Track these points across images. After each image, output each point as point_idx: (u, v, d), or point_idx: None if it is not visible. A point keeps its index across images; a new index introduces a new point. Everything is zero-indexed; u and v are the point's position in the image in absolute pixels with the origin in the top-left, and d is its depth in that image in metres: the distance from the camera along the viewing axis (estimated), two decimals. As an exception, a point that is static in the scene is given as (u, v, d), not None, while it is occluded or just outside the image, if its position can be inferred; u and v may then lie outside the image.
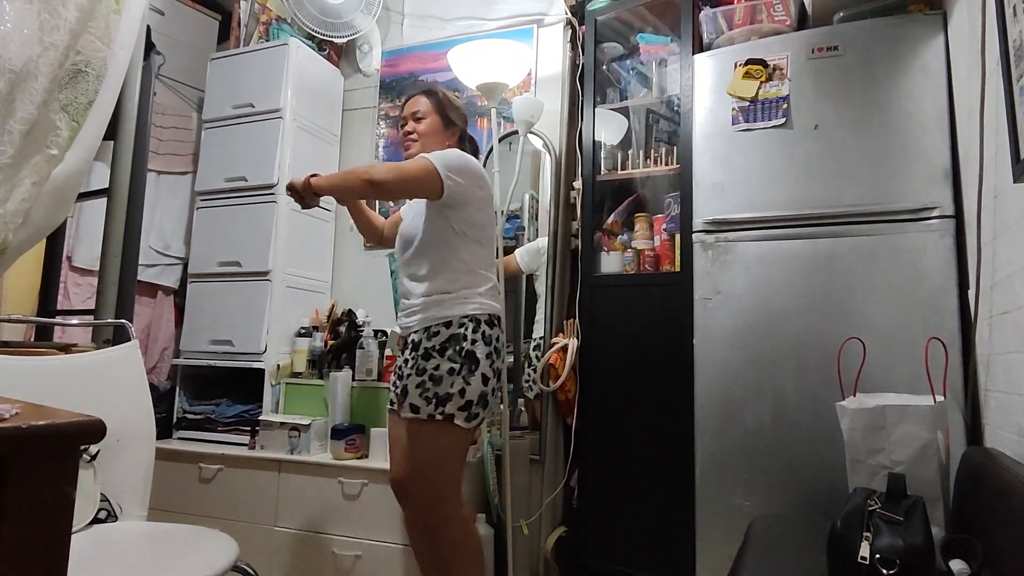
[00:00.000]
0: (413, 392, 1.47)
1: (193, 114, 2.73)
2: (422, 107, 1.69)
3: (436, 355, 1.48)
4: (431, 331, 1.50)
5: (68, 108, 1.47)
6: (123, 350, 1.48)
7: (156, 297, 2.61)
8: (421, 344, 1.50)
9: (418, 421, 1.46)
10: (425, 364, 1.48)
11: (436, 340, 1.49)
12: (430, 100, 1.70)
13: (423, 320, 1.53)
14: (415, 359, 1.50)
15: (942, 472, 1.24)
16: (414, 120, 1.68)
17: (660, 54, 2.17)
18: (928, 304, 1.51)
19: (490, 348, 1.52)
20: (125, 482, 1.38)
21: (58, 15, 1.36)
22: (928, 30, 1.61)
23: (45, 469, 0.59)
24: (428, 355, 1.48)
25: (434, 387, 1.45)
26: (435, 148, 1.64)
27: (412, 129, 1.67)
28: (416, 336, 1.53)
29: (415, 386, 1.47)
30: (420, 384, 1.46)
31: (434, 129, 1.67)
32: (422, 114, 1.68)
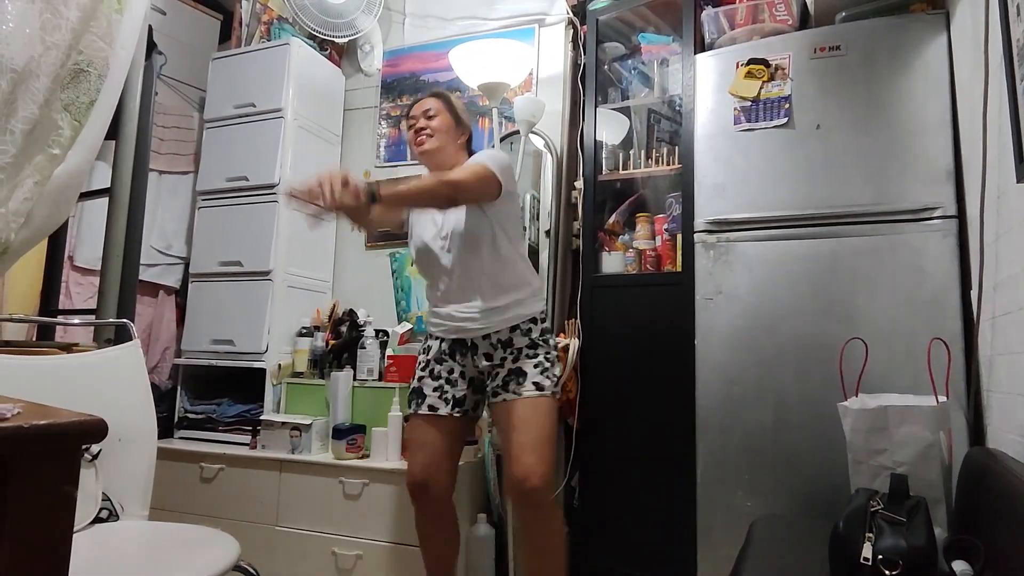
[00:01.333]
0: (533, 372, 1.54)
1: (194, 114, 2.73)
2: (433, 106, 1.68)
3: (543, 344, 1.59)
4: (522, 328, 1.58)
5: (70, 108, 1.47)
6: (124, 349, 1.48)
7: (157, 297, 2.61)
8: (515, 341, 1.57)
9: (543, 398, 1.53)
10: (537, 351, 1.57)
11: (533, 335, 1.59)
12: (440, 100, 1.70)
13: (508, 320, 1.58)
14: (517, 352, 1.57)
15: (944, 473, 1.24)
16: (426, 118, 1.67)
17: (662, 54, 2.17)
18: (930, 304, 1.51)
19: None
20: (126, 482, 1.38)
21: (60, 14, 1.36)
22: (930, 30, 1.61)
23: (47, 469, 0.59)
24: (535, 344, 1.58)
25: (550, 368, 1.57)
26: (449, 145, 1.66)
27: (425, 126, 1.66)
28: (501, 336, 1.58)
29: (534, 366, 1.55)
30: (539, 364, 1.56)
31: (447, 126, 1.67)
32: (434, 112, 1.67)
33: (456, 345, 1.64)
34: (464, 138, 1.72)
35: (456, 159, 1.67)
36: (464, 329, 1.61)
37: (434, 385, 1.64)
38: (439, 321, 1.67)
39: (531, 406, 1.53)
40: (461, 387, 1.64)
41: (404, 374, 2.19)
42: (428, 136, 1.65)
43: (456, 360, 1.64)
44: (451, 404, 1.63)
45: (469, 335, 1.61)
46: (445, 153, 1.66)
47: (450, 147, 1.67)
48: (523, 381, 1.54)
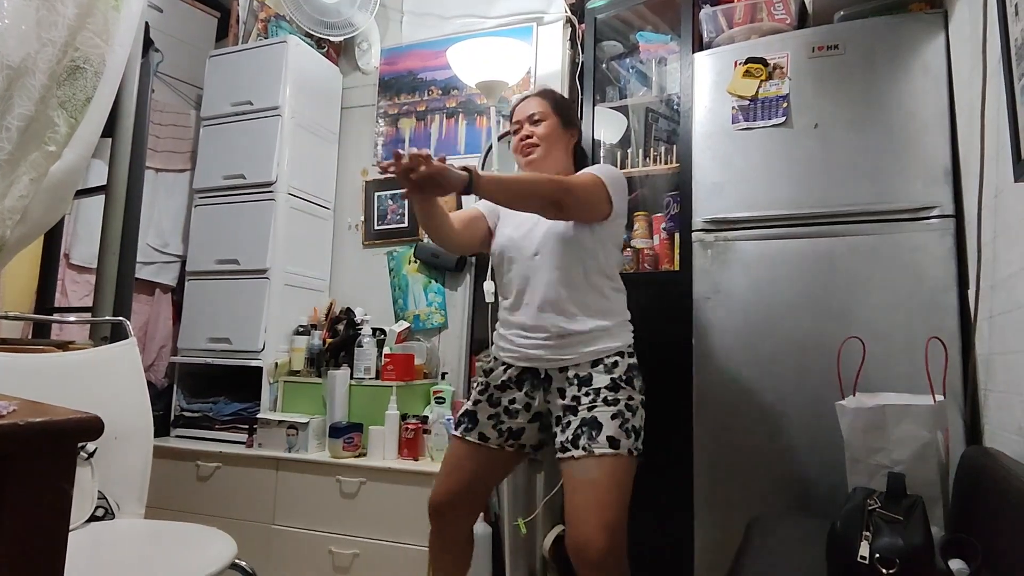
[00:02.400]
0: (610, 424, 1.32)
1: (191, 112, 2.72)
2: (538, 108, 1.52)
3: (626, 386, 1.38)
4: (606, 364, 1.39)
5: (66, 105, 1.46)
6: (121, 348, 1.47)
7: (154, 295, 2.60)
8: (595, 379, 1.37)
9: (617, 458, 1.31)
10: (618, 396, 1.35)
11: (617, 373, 1.38)
12: (546, 100, 1.54)
13: (592, 353, 1.39)
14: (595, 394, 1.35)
15: (942, 472, 1.24)
16: (531, 123, 1.52)
17: (660, 52, 2.17)
18: (928, 303, 1.51)
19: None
20: (122, 480, 1.37)
21: (56, 11, 1.35)
22: (929, 29, 1.61)
23: (42, 466, 0.58)
24: (617, 386, 1.37)
25: (632, 419, 1.35)
26: (558, 153, 1.52)
27: (531, 133, 1.51)
28: (581, 371, 1.39)
29: (611, 417, 1.32)
30: (618, 415, 1.33)
31: (555, 131, 1.52)
32: (540, 116, 1.51)
33: (526, 374, 1.45)
34: (574, 140, 1.58)
35: (562, 165, 1.54)
36: (537, 358, 1.43)
37: (490, 412, 1.47)
38: (507, 345, 1.48)
39: (602, 466, 1.31)
40: (522, 420, 1.46)
41: (401, 372, 2.19)
42: (533, 146, 1.50)
43: (523, 391, 1.45)
44: (505, 436, 1.46)
45: (543, 365, 1.43)
46: (553, 161, 1.52)
47: (558, 153, 1.53)
48: (596, 436, 1.31)
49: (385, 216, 2.61)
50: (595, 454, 1.30)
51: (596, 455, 1.30)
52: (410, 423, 2.06)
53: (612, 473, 1.31)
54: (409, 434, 2.05)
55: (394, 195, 2.60)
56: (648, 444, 1.92)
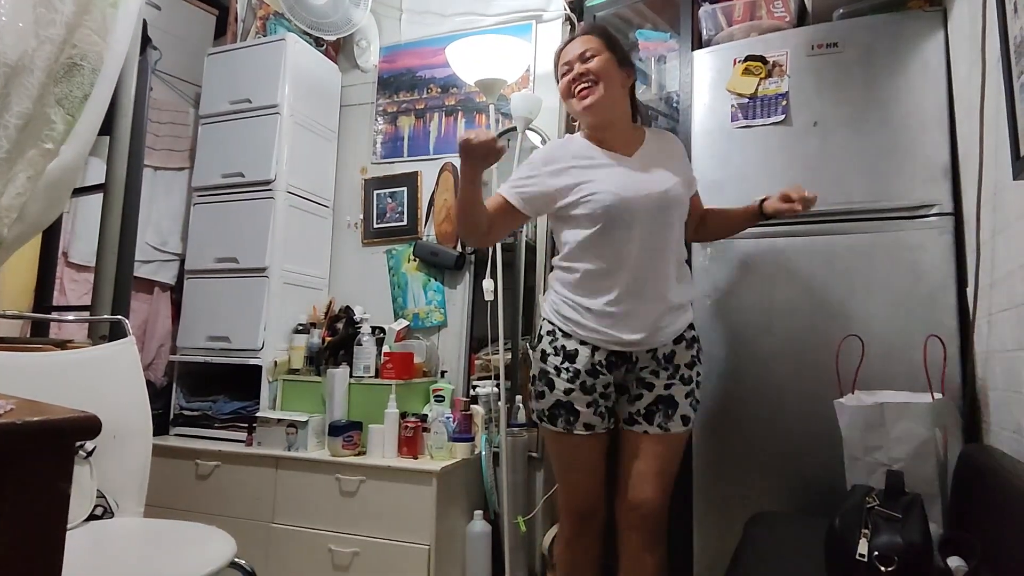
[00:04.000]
0: (684, 403, 1.40)
1: (190, 109, 2.72)
2: (589, 45, 1.39)
3: (699, 361, 1.47)
4: (687, 339, 1.44)
5: (63, 102, 1.46)
6: (119, 346, 1.47)
7: (153, 293, 2.60)
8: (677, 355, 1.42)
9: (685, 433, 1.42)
10: (692, 373, 1.44)
11: (696, 346, 1.47)
12: (599, 38, 1.41)
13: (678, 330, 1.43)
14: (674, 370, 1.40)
15: (940, 470, 1.25)
16: (582, 61, 1.37)
17: (659, 50, 2.17)
18: (927, 301, 1.51)
19: None
20: (122, 479, 1.37)
21: (54, 8, 1.35)
22: (928, 27, 1.61)
23: (40, 465, 0.58)
24: (694, 363, 1.45)
25: (697, 392, 1.45)
26: (616, 91, 1.39)
27: (585, 71, 1.36)
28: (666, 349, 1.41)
29: (685, 396, 1.40)
30: (690, 393, 1.42)
31: (611, 68, 1.38)
32: (592, 52, 1.37)
33: (615, 357, 1.41)
34: (631, 80, 1.44)
35: (622, 107, 1.43)
36: (631, 343, 1.37)
37: (587, 400, 1.40)
38: (604, 327, 1.37)
39: (672, 440, 1.38)
40: (611, 399, 1.46)
41: (400, 371, 2.19)
42: (592, 83, 1.35)
43: (614, 373, 1.42)
44: (607, 419, 1.45)
45: (635, 349, 1.39)
46: (613, 102, 1.39)
47: (618, 94, 1.39)
48: (672, 414, 1.37)
49: (384, 214, 2.61)
50: (671, 432, 1.40)
51: (672, 432, 1.40)
52: (409, 421, 2.06)
53: (679, 445, 1.43)
54: (408, 432, 2.05)
55: (393, 193, 2.60)
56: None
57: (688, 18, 2.01)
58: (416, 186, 2.55)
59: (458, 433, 2.07)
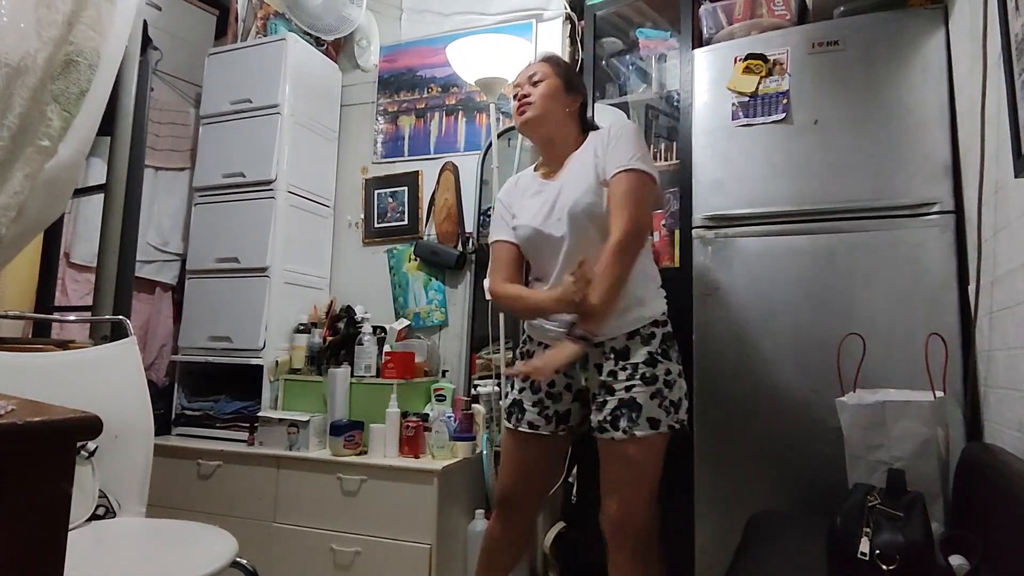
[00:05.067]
0: (650, 405, 1.32)
1: (191, 110, 2.72)
2: (540, 70, 1.50)
3: (663, 359, 1.36)
4: (642, 335, 1.37)
5: (59, 98, 1.45)
6: (121, 347, 1.47)
7: (154, 293, 2.60)
8: (632, 352, 1.36)
9: (656, 436, 1.32)
10: (656, 371, 1.34)
11: (654, 345, 1.36)
12: (549, 64, 1.52)
13: (627, 323, 1.37)
14: (632, 370, 1.34)
15: (942, 468, 1.24)
16: (531, 84, 1.49)
17: (659, 49, 2.16)
18: (928, 300, 1.51)
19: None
20: (124, 478, 1.37)
21: (56, 9, 1.35)
22: (929, 25, 1.61)
23: (41, 466, 0.58)
24: (655, 360, 1.35)
25: (670, 393, 1.35)
26: (555, 113, 1.48)
27: (528, 93, 1.48)
28: (617, 344, 1.37)
29: (650, 397, 1.32)
30: (656, 394, 1.33)
31: (554, 92, 1.47)
32: (540, 77, 1.49)
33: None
34: (575, 105, 1.52)
35: (564, 130, 1.50)
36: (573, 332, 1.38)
37: (534, 399, 1.46)
38: (546, 324, 1.45)
39: (642, 445, 1.32)
40: (566, 401, 1.47)
41: (401, 371, 2.19)
42: (527, 105, 1.47)
43: (562, 372, 1.44)
44: (554, 422, 1.47)
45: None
46: (550, 122, 1.48)
47: (556, 115, 1.48)
48: (637, 418, 1.31)
49: (385, 214, 2.61)
50: (637, 436, 1.31)
51: (638, 437, 1.31)
52: (411, 421, 2.06)
53: (652, 451, 1.34)
54: (410, 432, 2.05)
55: (394, 193, 2.60)
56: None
57: (688, 16, 2.00)
58: (417, 185, 2.55)
59: (459, 432, 2.07)
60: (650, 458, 1.34)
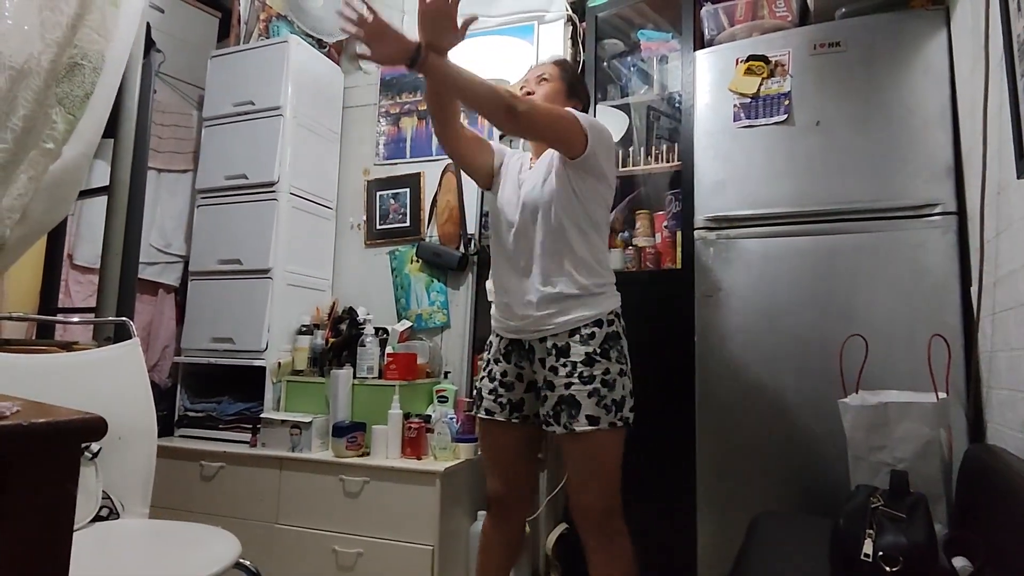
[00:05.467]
0: (588, 403, 1.33)
1: (193, 112, 2.72)
2: (548, 71, 1.55)
3: (601, 359, 1.36)
4: (582, 334, 1.37)
5: (64, 101, 1.45)
6: (124, 348, 1.48)
7: (157, 295, 2.61)
8: (572, 350, 1.37)
9: (600, 433, 1.34)
10: (593, 370, 1.35)
11: (595, 343, 1.37)
12: (558, 67, 1.57)
13: (568, 322, 1.38)
14: (572, 367, 1.36)
15: (945, 469, 1.24)
16: (537, 82, 1.54)
17: (661, 51, 2.17)
18: (930, 300, 1.51)
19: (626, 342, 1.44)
20: (127, 480, 1.38)
21: (60, 11, 1.36)
22: (931, 26, 1.61)
23: (46, 467, 0.59)
24: (592, 360, 1.36)
25: (610, 393, 1.35)
26: None
27: (532, 90, 1.53)
28: (559, 340, 1.39)
29: (588, 395, 1.34)
30: (594, 392, 1.34)
31: (556, 94, 1.52)
32: (547, 76, 1.54)
33: (513, 346, 1.49)
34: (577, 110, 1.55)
35: None
36: (517, 330, 1.46)
37: (490, 387, 1.51)
38: (497, 315, 1.52)
39: (587, 441, 1.35)
40: (518, 391, 1.49)
41: (403, 372, 2.19)
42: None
43: (511, 363, 1.49)
44: (507, 409, 1.49)
45: (525, 336, 1.45)
46: None
47: None
48: (576, 414, 1.34)
49: (387, 215, 2.61)
50: (576, 432, 1.35)
51: (577, 432, 1.35)
52: (413, 422, 2.06)
53: (599, 446, 1.37)
54: (412, 433, 2.05)
55: (396, 194, 2.60)
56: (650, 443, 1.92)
57: (690, 18, 2.01)
58: (419, 187, 2.55)
59: (461, 434, 2.07)
60: (599, 453, 1.37)
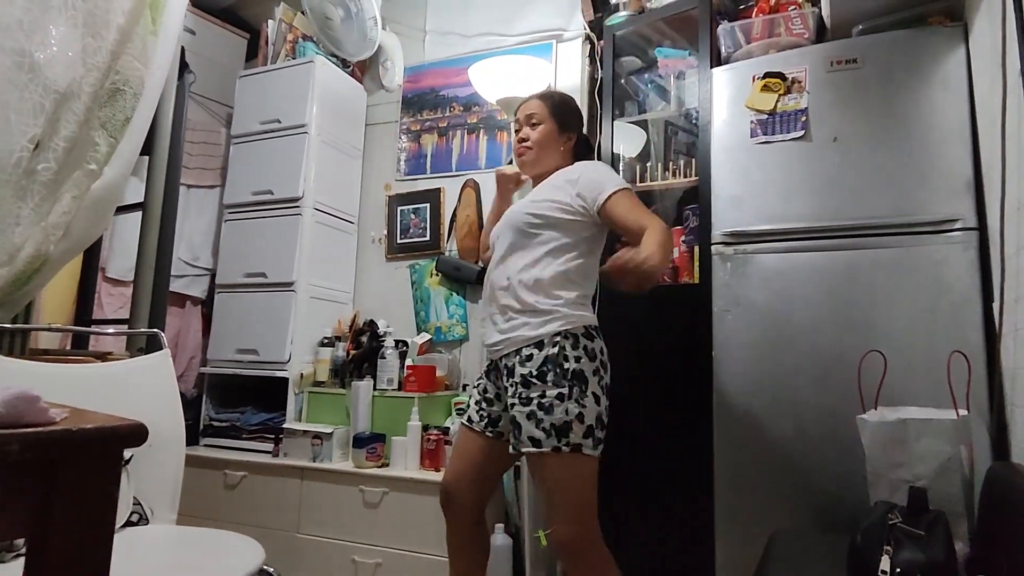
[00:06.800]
0: (527, 424, 1.35)
1: (222, 130, 2.81)
2: (536, 110, 1.61)
3: (538, 381, 1.36)
4: (523, 355, 1.40)
5: (107, 125, 1.54)
6: (156, 358, 1.53)
7: (184, 307, 2.68)
8: (516, 370, 1.40)
9: (547, 456, 1.34)
10: (530, 393, 1.36)
11: (531, 365, 1.38)
12: (544, 103, 1.62)
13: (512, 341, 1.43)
14: (514, 386, 1.40)
15: (966, 487, 1.23)
16: (529, 126, 1.62)
17: (678, 67, 2.19)
18: (951, 317, 1.50)
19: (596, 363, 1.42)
20: (156, 486, 1.42)
21: (101, 37, 1.43)
22: (949, 42, 1.61)
23: (92, 469, 0.62)
24: (528, 382, 1.37)
25: (548, 417, 1.34)
26: (550, 155, 1.61)
27: (527, 136, 1.61)
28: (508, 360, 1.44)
29: (527, 417, 1.35)
30: (531, 415, 1.35)
31: (550, 136, 1.60)
32: (537, 119, 1.61)
33: (492, 364, 1.54)
34: (570, 143, 1.64)
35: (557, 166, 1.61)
36: (490, 347, 1.52)
37: (477, 397, 1.58)
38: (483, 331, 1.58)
39: (537, 465, 1.37)
40: (497, 407, 1.53)
41: (423, 384, 2.22)
42: (527, 148, 1.60)
43: (491, 380, 1.55)
44: (484, 422, 1.54)
45: (492, 355, 1.52)
46: (545, 164, 1.61)
47: (551, 157, 1.61)
48: (519, 435, 1.37)
49: (408, 230, 2.66)
50: (521, 451, 1.38)
51: (524, 452, 1.37)
52: (432, 434, 2.09)
53: (551, 470, 1.35)
54: (431, 445, 2.07)
55: (416, 209, 2.65)
56: (665, 457, 1.91)
57: (707, 36, 2.03)
58: (439, 202, 2.60)
59: (479, 446, 2.09)
60: (553, 478, 1.35)
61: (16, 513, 0.58)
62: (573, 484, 1.36)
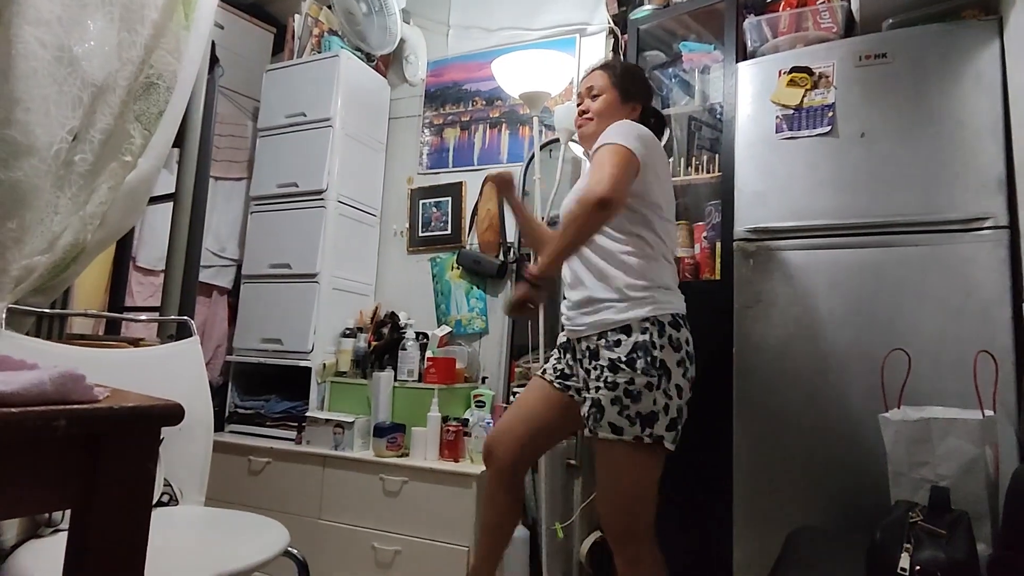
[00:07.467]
0: (610, 410, 1.30)
1: (249, 123, 2.86)
2: (598, 82, 1.55)
3: (627, 368, 1.31)
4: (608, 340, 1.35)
5: (141, 118, 1.58)
6: (186, 345, 1.58)
7: (211, 297, 2.74)
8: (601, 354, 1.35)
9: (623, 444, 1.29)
10: (617, 379, 1.31)
11: (620, 350, 1.32)
12: (606, 73, 1.55)
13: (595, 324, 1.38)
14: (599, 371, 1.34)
15: (990, 488, 1.21)
16: (589, 98, 1.55)
17: (703, 62, 2.18)
18: (979, 316, 1.48)
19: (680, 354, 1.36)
20: (186, 469, 1.46)
21: (136, 32, 1.47)
22: (983, 36, 1.58)
23: (132, 446, 0.65)
24: (617, 367, 1.31)
25: (634, 405, 1.29)
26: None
27: (587, 108, 1.54)
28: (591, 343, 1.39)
29: (611, 402, 1.30)
30: (616, 400, 1.30)
31: (611, 106, 1.52)
32: (598, 90, 1.54)
33: (567, 343, 1.53)
34: (635, 113, 1.56)
35: None
36: (566, 328, 1.49)
37: (555, 356, 1.56)
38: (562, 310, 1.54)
39: (608, 451, 1.31)
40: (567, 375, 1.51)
41: (443, 376, 2.25)
42: (587, 120, 1.54)
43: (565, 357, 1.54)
44: (556, 373, 1.52)
45: (570, 335, 1.49)
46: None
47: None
48: (600, 419, 1.31)
49: (429, 223, 2.68)
50: (599, 437, 1.32)
51: (600, 438, 1.32)
52: (451, 425, 2.11)
53: (619, 460, 1.31)
54: (450, 436, 2.10)
55: (438, 203, 2.68)
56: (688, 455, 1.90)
57: (732, 30, 2.01)
58: (460, 196, 2.62)
59: (498, 438, 2.11)
60: (619, 468, 1.31)
61: (65, 486, 0.61)
62: (637, 476, 1.32)
